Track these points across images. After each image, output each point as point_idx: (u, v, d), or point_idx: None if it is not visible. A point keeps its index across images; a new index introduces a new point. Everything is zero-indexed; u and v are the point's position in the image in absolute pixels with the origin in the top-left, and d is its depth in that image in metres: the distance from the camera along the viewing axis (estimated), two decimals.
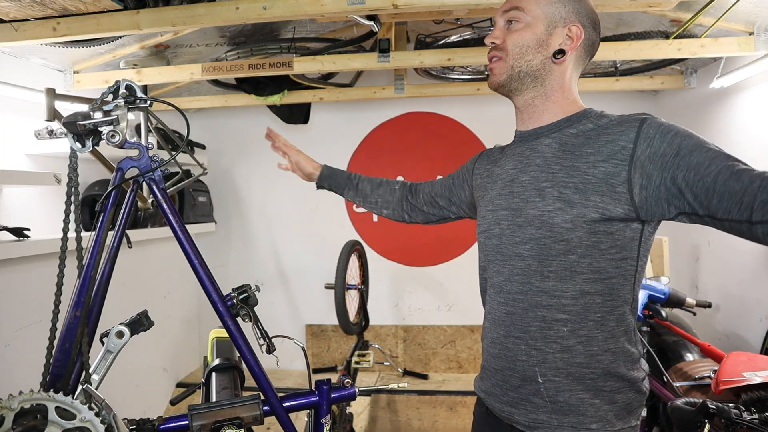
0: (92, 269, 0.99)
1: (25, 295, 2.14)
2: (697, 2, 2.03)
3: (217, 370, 1.22)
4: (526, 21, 1.05)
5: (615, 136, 0.98)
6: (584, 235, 0.97)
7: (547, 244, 1.00)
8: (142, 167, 1.04)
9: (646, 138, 0.94)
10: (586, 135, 1.03)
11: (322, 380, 1.12)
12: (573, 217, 0.97)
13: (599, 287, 0.99)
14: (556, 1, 1.05)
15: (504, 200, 1.10)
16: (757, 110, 2.44)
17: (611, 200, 0.95)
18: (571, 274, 0.99)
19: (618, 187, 0.95)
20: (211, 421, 0.97)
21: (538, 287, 1.02)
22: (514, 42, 1.06)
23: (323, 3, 1.79)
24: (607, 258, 0.98)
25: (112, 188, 1.02)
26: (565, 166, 1.01)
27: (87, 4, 1.82)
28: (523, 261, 1.04)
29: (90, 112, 1.00)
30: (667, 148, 0.92)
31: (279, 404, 1.08)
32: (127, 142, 1.02)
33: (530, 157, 1.08)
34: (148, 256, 3.09)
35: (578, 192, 0.98)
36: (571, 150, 1.03)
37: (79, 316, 0.97)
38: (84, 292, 0.98)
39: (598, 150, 0.99)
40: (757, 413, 1.45)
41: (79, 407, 0.87)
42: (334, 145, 3.72)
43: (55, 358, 0.96)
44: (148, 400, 3.03)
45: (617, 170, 0.95)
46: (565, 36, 1.05)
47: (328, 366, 3.62)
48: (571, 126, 1.07)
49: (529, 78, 1.07)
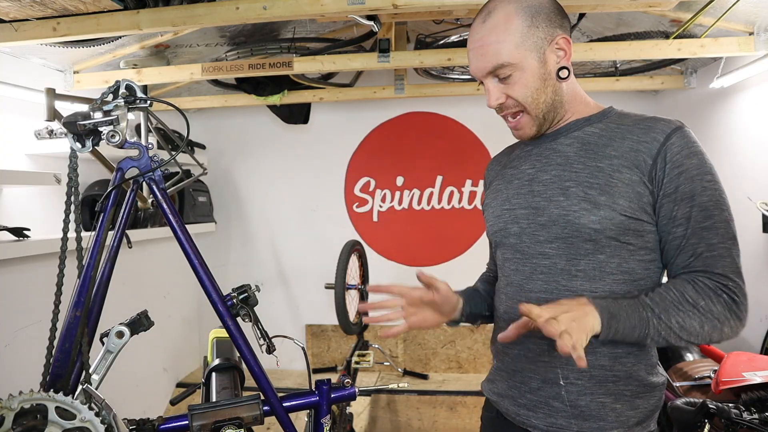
0: (92, 269, 0.99)
1: (25, 295, 2.14)
2: (697, 2, 2.03)
3: (217, 370, 1.22)
4: (519, 68, 0.99)
5: (639, 146, 0.97)
6: (613, 236, 0.97)
7: (575, 243, 0.99)
8: (142, 167, 1.04)
9: (667, 159, 0.95)
10: (610, 136, 1.01)
11: (322, 380, 1.12)
12: (600, 218, 0.96)
13: (629, 288, 0.98)
14: (529, 29, 0.99)
15: (523, 199, 1.08)
16: (757, 110, 2.44)
17: (638, 205, 0.96)
18: (601, 274, 0.98)
19: (644, 197, 0.96)
20: (211, 421, 0.97)
21: (565, 286, 1.00)
22: (524, 94, 1.01)
23: (323, 3, 1.79)
24: (636, 259, 0.98)
25: (111, 188, 1.02)
26: (589, 166, 1.00)
27: (87, 4, 1.82)
28: (548, 259, 1.02)
29: (90, 112, 1.00)
30: (682, 185, 0.95)
31: (279, 404, 1.08)
32: (127, 142, 1.02)
33: (550, 156, 1.06)
34: (148, 256, 3.09)
35: (604, 194, 0.97)
36: (594, 150, 1.01)
37: (79, 316, 0.97)
38: (84, 292, 0.98)
39: (623, 155, 0.98)
40: (757, 413, 1.45)
41: (79, 407, 0.87)
42: (334, 145, 3.72)
43: (55, 358, 0.96)
44: (148, 400, 3.03)
45: (641, 179, 0.96)
46: (556, 52, 1.01)
47: (328, 366, 3.62)
48: (592, 125, 1.05)
49: (551, 112, 1.04)
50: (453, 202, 3.65)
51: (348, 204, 3.73)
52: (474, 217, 3.62)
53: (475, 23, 1.02)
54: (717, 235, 0.93)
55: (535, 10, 0.99)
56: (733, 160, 2.59)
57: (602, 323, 0.90)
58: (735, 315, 0.93)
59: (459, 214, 3.64)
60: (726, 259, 0.94)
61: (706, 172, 0.95)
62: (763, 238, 2.29)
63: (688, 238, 0.95)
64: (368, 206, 3.71)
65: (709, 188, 0.94)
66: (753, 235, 2.36)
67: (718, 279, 0.93)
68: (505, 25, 0.98)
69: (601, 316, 0.90)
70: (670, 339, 0.93)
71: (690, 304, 0.92)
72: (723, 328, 0.93)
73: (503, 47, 0.98)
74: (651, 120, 1.00)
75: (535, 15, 0.99)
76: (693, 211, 0.94)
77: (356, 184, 3.71)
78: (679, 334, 0.92)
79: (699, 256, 0.94)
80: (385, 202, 3.69)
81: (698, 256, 0.94)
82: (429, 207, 3.66)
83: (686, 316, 0.92)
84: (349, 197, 3.73)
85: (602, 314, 0.90)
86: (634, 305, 0.93)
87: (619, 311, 0.92)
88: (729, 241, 0.94)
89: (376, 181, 3.67)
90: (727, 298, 0.93)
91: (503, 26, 0.98)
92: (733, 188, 2.59)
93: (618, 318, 0.91)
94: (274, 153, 3.78)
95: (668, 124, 0.98)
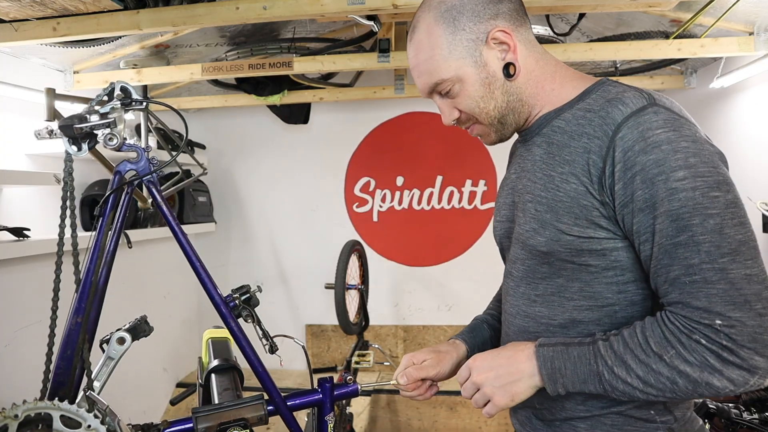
0: (93, 274, 0.98)
1: (24, 295, 2.14)
2: (697, 2, 2.02)
3: (216, 371, 1.21)
4: (456, 80, 0.88)
5: (591, 144, 0.79)
6: (566, 258, 0.83)
7: (532, 266, 0.89)
8: (141, 170, 1.03)
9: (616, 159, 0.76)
10: (571, 132, 0.83)
11: (325, 378, 1.12)
12: (547, 239, 0.83)
13: (597, 315, 0.84)
14: (453, 35, 0.86)
15: (508, 211, 0.99)
16: (757, 110, 2.44)
17: (586, 222, 0.79)
18: (560, 300, 0.86)
19: (593, 211, 0.79)
20: (216, 423, 0.97)
21: (524, 312, 0.92)
22: (469, 105, 0.90)
23: (323, 3, 1.79)
24: (603, 282, 0.82)
25: (109, 192, 1.02)
26: (545, 175, 0.85)
27: (87, 4, 1.82)
28: (514, 281, 0.95)
29: (86, 115, 0.99)
30: (638, 191, 0.74)
31: (284, 404, 1.08)
32: (125, 145, 1.01)
33: (525, 160, 0.93)
34: (148, 256, 3.09)
35: (550, 211, 0.83)
36: (553, 152, 0.86)
37: (81, 323, 0.96)
38: (85, 298, 0.97)
39: (575, 159, 0.81)
40: (757, 413, 1.45)
41: (84, 415, 0.86)
42: (334, 145, 3.72)
43: (56, 365, 0.95)
44: (148, 400, 3.03)
45: (587, 190, 0.79)
46: (495, 49, 0.87)
47: (328, 366, 3.61)
48: (560, 115, 0.88)
49: (508, 115, 0.90)
50: (453, 202, 3.65)
51: (348, 204, 3.73)
52: (474, 217, 3.62)
53: (408, 41, 0.93)
54: (699, 252, 0.70)
55: (456, 12, 0.86)
56: (733, 160, 2.58)
57: (543, 379, 0.81)
58: (726, 362, 0.69)
59: (459, 214, 3.64)
60: (716, 286, 0.70)
61: (676, 167, 0.71)
62: (764, 238, 2.29)
63: (658, 258, 0.74)
64: (368, 206, 3.71)
65: (681, 189, 0.71)
66: None
67: (695, 316, 0.71)
68: (428, 39, 0.87)
69: (540, 372, 0.81)
70: (636, 395, 0.76)
71: (655, 354, 0.73)
72: (712, 381, 0.71)
73: (432, 64, 0.88)
74: (614, 102, 0.79)
75: (457, 17, 0.86)
76: (657, 223, 0.73)
77: (356, 184, 3.71)
78: (645, 391, 0.74)
79: (674, 282, 0.73)
80: (385, 202, 3.69)
81: (673, 282, 0.73)
82: (429, 207, 3.66)
83: (649, 369, 0.73)
84: (349, 197, 3.73)
85: (542, 369, 0.81)
86: (586, 355, 0.79)
87: (565, 363, 0.79)
88: (723, 259, 0.69)
89: (376, 181, 3.67)
90: (706, 344, 0.70)
91: (426, 41, 0.88)
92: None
93: (563, 372, 0.79)
94: (274, 153, 3.78)
95: (626, 106, 0.77)
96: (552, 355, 0.81)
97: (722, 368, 0.70)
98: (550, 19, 2.34)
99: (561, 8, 2.08)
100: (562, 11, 2.29)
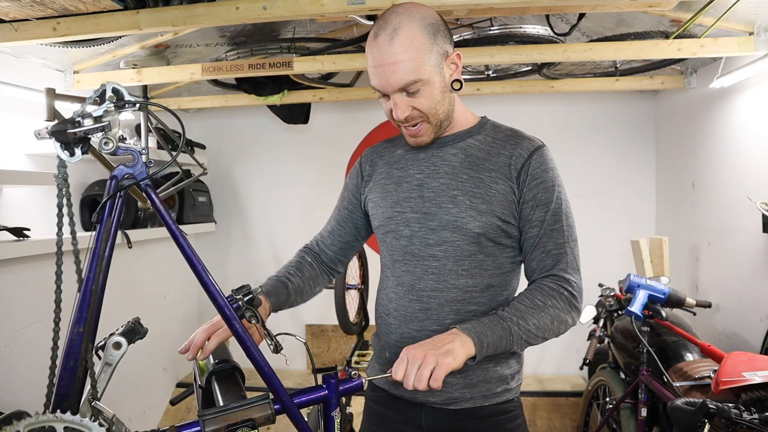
0: (93, 283, 0.96)
1: (24, 295, 2.14)
2: (697, 2, 2.03)
3: (217, 372, 1.21)
4: (427, 83, 1.08)
5: (510, 160, 1.15)
6: (492, 238, 1.14)
7: (461, 246, 1.14)
8: (137, 174, 1.01)
9: (529, 173, 1.13)
10: (488, 150, 1.17)
11: (329, 374, 1.12)
12: (483, 224, 1.13)
13: (500, 280, 1.17)
14: (432, 45, 1.07)
15: (414, 203, 1.18)
16: (757, 110, 2.44)
17: (509, 212, 1.14)
18: (480, 271, 1.15)
19: (513, 204, 1.14)
20: (223, 425, 0.96)
21: (453, 284, 1.15)
22: (428, 106, 1.11)
23: (323, 3, 1.79)
24: (505, 256, 1.17)
25: (106, 199, 0.99)
26: (472, 177, 1.15)
27: (87, 4, 1.82)
28: (438, 261, 1.16)
29: (80, 119, 0.96)
30: (539, 194, 1.13)
31: (291, 402, 1.07)
32: (120, 149, 0.98)
33: (438, 164, 1.19)
34: (148, 256, 3.09)
35: (485, 203, 1.13)
36: (475, 162, 1.16)
37: (83, 333, 0.94)
38: (86, 307, 0.95)
39: (498, 168, 1.15)
40: (757, 413, 1.45)
41: (90, 425, 0.84)
42: (334, 145, 3.72)
43: (59, 377, 0.93)
44: (148, 400, 3.03)
45: (511, 189, 1.14)
46: (450, 66, 1.12)
47: (328, 366, 3.60)
48: (472, 136, 1.20)
49: (446, 120, 1.16)
50: None
51: None
52: None
53: (381, 40, 1.07)
54: (562, 236, 1.13)
55: (435, 28, 1.08)
56: (733, 160, 2.59)
57: (475, 345, 1.01)
58: (574, 308, 1.12)
59: None
60: (568, 257, 1.13)
61: (559, 185, 1.15)
62: (763, 238, 2.29)
63: (541, 237, 1.13)
64: None
65: (559, 198, 1.14)
66: (753, 235, 2.36)
67: (558, 281, 1.12)
68: (414, 43, 1.05)
69: (472, 339, 1.01)
70: (531, 340, 1.08)
71: (539, 306, 1.09)
72: (567, 320, 1.11)
73: (416, 64, 1.05)
74: (519, 137, 1.18)
75: (435, 32, 1.08)
76: (547, 216, 1.13)
77: None
78: (536, 334, 1.08)
79: (549, 252, 1.13)
80: None
81: (548, 253, 1.13)
82: None
83: (539, 317, 1.08)
84: None
85: (472, 337, 1.01)
86: (495, 320, 1.06)
87: (484, 329, 1.03)
88: (572, 242, 1.14)
89: None
90: (567, 295, 1.11)
91: (412, 44, 1.05)
92: (733, 188, 2.59)
93: (486, 334, 1.03)
94: (274, 153, 3.78)
95: (532, 143, 1.16)
96: (471, 326, 1.04)
97: (571, 310, 1.11)
98: (550, 19, 2.34)
99: (561, 8, 2.08)
100: (562, 11, 2.29)
